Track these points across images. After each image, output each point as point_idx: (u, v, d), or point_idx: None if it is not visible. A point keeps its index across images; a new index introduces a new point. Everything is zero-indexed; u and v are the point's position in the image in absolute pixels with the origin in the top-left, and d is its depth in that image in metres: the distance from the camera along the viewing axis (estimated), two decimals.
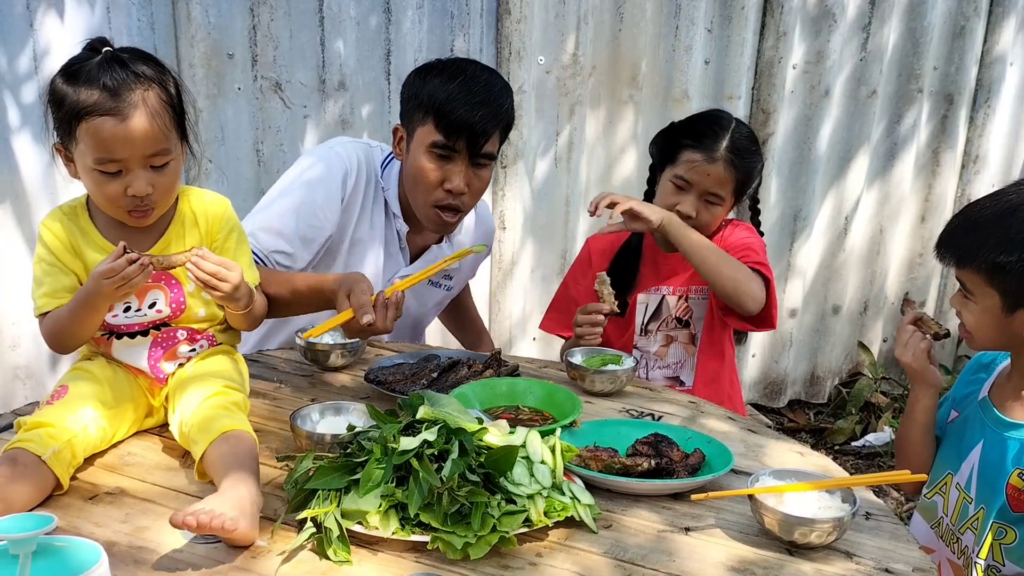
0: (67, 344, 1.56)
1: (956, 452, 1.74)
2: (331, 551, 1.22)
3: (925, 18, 3.74)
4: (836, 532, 1.29)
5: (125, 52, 1.49)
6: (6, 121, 2.62)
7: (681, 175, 2.14)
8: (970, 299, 1.67)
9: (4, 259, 2.72)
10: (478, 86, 1.93)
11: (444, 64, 2.00)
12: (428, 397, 1.41)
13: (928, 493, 1.79)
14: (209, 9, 2.79)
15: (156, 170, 1.49)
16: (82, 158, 1.47)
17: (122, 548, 1.23)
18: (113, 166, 1.46)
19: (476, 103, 1.91)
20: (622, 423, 1.68)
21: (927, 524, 1.79)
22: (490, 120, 1.94)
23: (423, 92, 1.95)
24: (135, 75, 1.45)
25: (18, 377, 2.83)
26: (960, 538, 1.68)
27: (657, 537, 1.33)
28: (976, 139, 4.06)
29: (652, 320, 2.29)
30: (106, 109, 1.42)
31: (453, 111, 1.90)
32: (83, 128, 1.43)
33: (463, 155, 1.95)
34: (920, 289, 4.24)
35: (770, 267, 2.16)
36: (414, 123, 1.98)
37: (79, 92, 1.43)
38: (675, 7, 3.41)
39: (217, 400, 1.49)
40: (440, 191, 1.99)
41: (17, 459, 1.32)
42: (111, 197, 1.48)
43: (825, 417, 4.09)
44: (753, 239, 2.22)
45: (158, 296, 1.58)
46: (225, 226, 1.64)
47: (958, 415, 1.80)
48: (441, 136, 1.93)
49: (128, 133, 1.43)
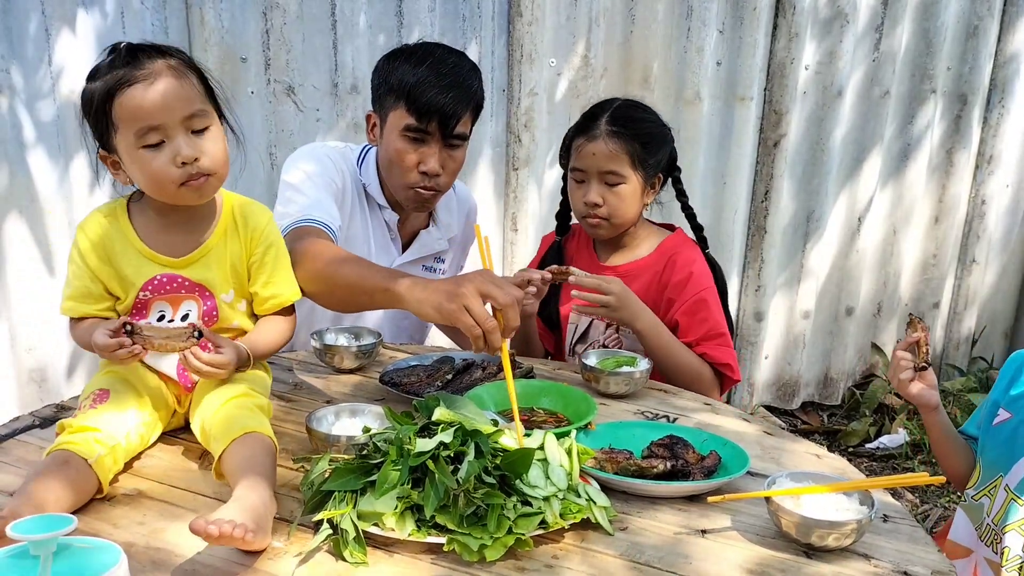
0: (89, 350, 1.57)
1: (1008, 454, 1.70)
2: (347, 552, 1.22)
3: (938, 18, 3.73)
4: (854, 534, 1.28)
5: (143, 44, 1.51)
6: (22, 134, 2.64)
7: (574, 166, 2.12)
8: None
9: (21, 266, 2.74)
10: (447, 68, 1.96)
11: (412, 49, 2.03)
12: (443, 399, 1.41)
13: (976, 495, 1.76)
14: (222, 14, 2.80)
15: (198, 135, 1.47)
16: (125, 143, 1.46)
17: (140, 549, 1.24)
18: (155, 136, 1.44)
19: (446, 85, 1.94)
20: (637, 425, 1.67)
21: (971, 525, 1.77)
22: (461, 101, 1.97)
23: (393, 77, 1.98)
24: (154, 49, 1.47)
25: (34, 380, 2.85)
26: (1003, 537, 1.67)
27: (673, 539, 1.32)
28: (990, 139, 4.03)
29: (579, 342, 2.23)
30: (132, 78, 1.42)
31: (424, 94, 1.93)
32: (116, 108, 1.43)
33: (436, 137, 1.99)
34: (934, 291, 4.22)
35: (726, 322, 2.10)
36: (386, 108, 2.01)
37: (104, 80, 1.44)
38: (687, 8, 3.40)
39: (241, 401, 1.49)
40: (415, 173, 2.02)
41: (70, 461, 1.33)
42: (162, 171, 1.46)
43: (839, 419, 4.07)
44: (706, 290, 2.10)
45: (191, 307, 1.57)
46: (264, 240, 1.62)
47: (1010, 416, 1.75)
48: (414, 119, 1.96)
49: (159, 94, 1.43)
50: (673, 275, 2.12)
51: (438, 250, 2.28)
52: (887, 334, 4.20)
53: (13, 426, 1.60)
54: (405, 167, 2.01)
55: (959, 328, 4.34)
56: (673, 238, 2.21)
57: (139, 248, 1.54)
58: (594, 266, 2.20)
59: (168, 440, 1.60)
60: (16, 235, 2.72)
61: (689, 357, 2.06)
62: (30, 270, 2.74)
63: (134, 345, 1.43)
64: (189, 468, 1.50)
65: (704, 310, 2.09)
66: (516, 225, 3.35)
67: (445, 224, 2.28)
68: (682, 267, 2.12)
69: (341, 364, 1.93)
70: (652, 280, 2.14)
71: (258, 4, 2.86)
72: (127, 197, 1.58)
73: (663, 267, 2.14)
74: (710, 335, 2.08)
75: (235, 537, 1.15)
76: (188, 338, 1.45)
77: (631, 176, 2.08)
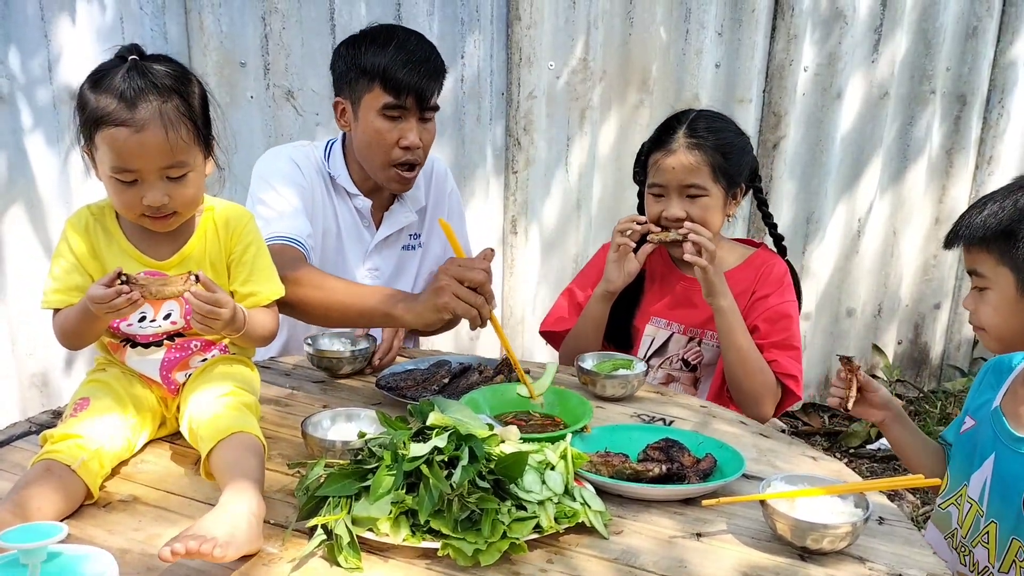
0: (74, 343, 1.58)
1: (969, 463, 1.69)
2: (342, 558, 1.22)
3: (937, 19, 3.73)
4: (849, 537, 1.28)
5: (153, 60, 1.50)
6: (20, 126, 2.65)
7: (654, 182, 2.08)
8: (984, 286, 1.59)
9: (20, 265, 2.74)
10: (412, 46, 2.03)
11: (372, 32, 2.07)
12: (438, 403, 1.41)
13: (943, 503, 1.75)
14: (221, 18, 2.81)
15: (173, 181, 1.50)
16: (101, 164, 1.49)
17: (135, 556, 1.24)
18: (128, 175, 1.47)
19: (416, 62, 2.00)
20: (633, 428, 1.67)
21: (941, 534, 1.76)
22: (431, 75, 2.03)
23: (362, 61, 2.02)
24: (155, 86, 1.45)
25: (34, 384, 2.86)
26: (972, 551, 1.66)
27: (668, 543, 1.32)
28: (990, 140, 4.03)
29: (655, 355, 2.19)
30: (121, 119, 1.43)
31: (398, 72, 1.99)
32: (100, 135, 1.45)
33: (413, 111, 2.04)
34: (935, 292, 4.21)
35: (799, 349, 2.10)
36: (358, 92, 2.05)
37: (98, 99, 1.44)
38: (685, 11, 3.40)
39: (229, 400, 1.50)
40: (397, 150, 2.05)
41: (51, 469, 1.33)
42: (128, 205, 1.51)
43: (840, 420, 4.07)
44: (790, 303, 2.11)
45: (173, 307, 1.58)
46: (243, 239, 1.64)
47: (974, 423, 1.74)
48: (391, 97, 2.00)
49: (142, 145, 1.44)
50: (764, 286, 2.11)
51: (407, 223, 2.26)
52: (888, 335, 4.19)
53: (9, 432, 1.61)
54: (386, 145, 2.05)
55: (960, 329, 4.33)
56: (763, 253, 2.20)
57: (124, 247, 1.57)
58: (670, 270, 2.19)
59: (162, 445, 1.60)
60: (17, 237, 2.72)
61: (757, 355, 2.03)
62: (29, 271, 2.74)
63: (131, 292, 1.41)
64: (183, 473, 1.50)
65: (786, 320, 2.08)
66: (516, 228, 3.35)
67: (411, 196, 2.27)
68: (775, 280, 2.12)
69: (337, 369, 1.94)
70: (742, 291, 2.10)
71: (257, 9, 2.86)
72: None
73: (755, 278, 2.12)
74: (783, 344, 2.06)
75: (203, 552, 1.15)
76: (186, 282, 1.46)
77: (712, 188, 2.03)
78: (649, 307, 2.20)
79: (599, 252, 2.33)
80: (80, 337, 1.55)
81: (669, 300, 2.19)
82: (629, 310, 2.21)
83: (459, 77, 3.16)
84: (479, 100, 3.20)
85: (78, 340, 1.56)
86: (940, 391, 4.18)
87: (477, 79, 3.18)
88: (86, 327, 1.51)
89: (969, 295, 1.66)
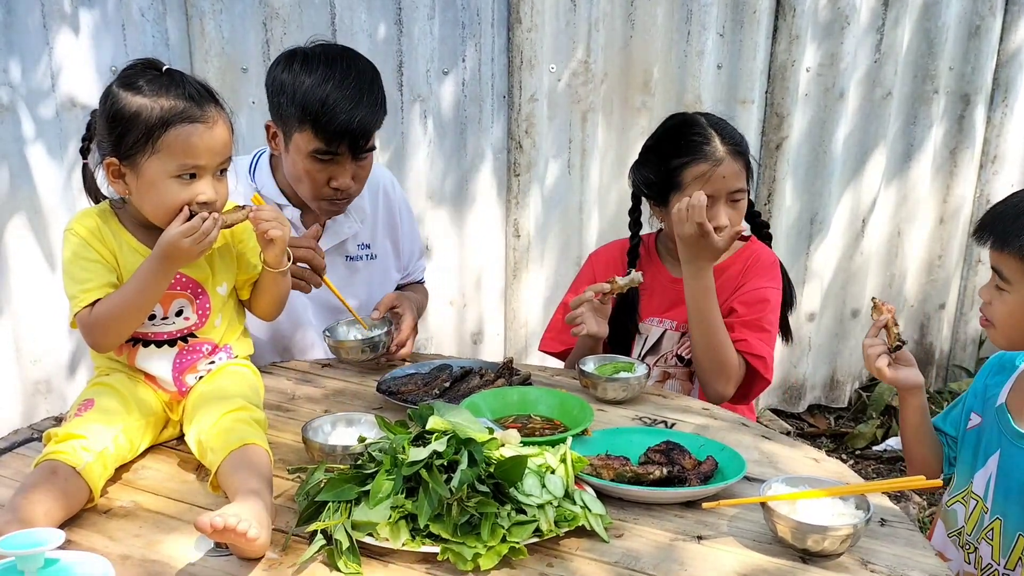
0: (119, 331, 1.54)
1: (973, 460, 1.69)
2: (342, 563, 1.22)
3: (940, 18, 3.72)
4: (850, 539, 1.28)
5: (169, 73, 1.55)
6: (22, 136, 2.65)
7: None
8: (1005, 289, 1.59)
9: (23, 274, 2.75)
10: (350, 82, 1.88)
11: (308, 56, 1.93)
12: (438, 407, 1.41)
13: (949, 501, 1.75)
14: (223, 25, 2.81)
15: (217, 177, 1.56)
16: (158, 169, 1.49)
17: (136, 562, 1.24)
18: (193, 170, 1.51)
19: (353, 106, 1.86)
20: (634, 431, 1.67)
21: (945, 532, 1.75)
22: (369, 120, 1.90)
23: (296, 93, 1.87)
24: (206, 90, 1.55)
25: (39, 391, 2.86)
26: (977, 548, 1.65)
27: (669, 546, 1.32)
28: (994, 138, 4.01)
29: (649, 354, 2.20)
30: (196, 116, 1.49)
31: (333, 119, 1.85)
32: (170, 135, 1.48)
33: (346, 155, 1.92)
34: (939, 292, 4.20)
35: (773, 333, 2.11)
36: (289, 126, 1.92)
37: (160, 101, 1.48)
38: (686, 12, 3.40)
39: (238, 415, 1.51)
40: (327, 189, 1.96)
41: (57, 471, 1.34)
42: (178, 206, 1.51)
43: (846, 421, 4.06)
44: (771, 290, 2.13)
45: (184, 304, 1.60)
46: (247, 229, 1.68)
47: (980, 420, 1.73)
48: (322, 144, 1.89)
49: (214, 140, 1.52)
50: (751, 273, 2.14)
51: (350, 233, 2.18)
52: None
53: (12, 439, 1.61)
54: (316, 184, 1.96)
55: (965, 329, 4.31)
56: (753, 245, 2.21)
57: (134, 246, 1.57)
58: (662, 272, 2.21)
59: (164, 452, 1.60)
60: (18, 241, 2.73)
61: (723, 331, 2.03)
62: (33, 280, 2.75)
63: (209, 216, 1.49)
64: (185, 480, 1.50)
65: (762, 304, 2.10)
66: (518, 231, 3.35)
67: (356, 207, 2.16)
68: (762, 268, 2.15)
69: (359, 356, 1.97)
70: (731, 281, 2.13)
71: (258, 15, 2.87)
72: (108, 203, 1.61)
73: (745, 267, 2.15)
74: (754, 325, 2.08)
75: (240, 530, 1.15)
76: (242, 209, 1.59)
77: (746, 187, 2.09)
78: (642, 309, 2.22)
79: (588, 260, 2.37)
80: (134, 315, 1.53)
81: (660, 300, 2.20)
82: (629, 315, 2.22)
83: (460, 80, 3.16)
84: (480, 103, 3.20)
85: (129, 321, 1.53)
86: (946, 391, 4.16)
87: (478, 82, 3.18)
88: (152, 290, 1.50)
89: (987, 286, 1.64)
